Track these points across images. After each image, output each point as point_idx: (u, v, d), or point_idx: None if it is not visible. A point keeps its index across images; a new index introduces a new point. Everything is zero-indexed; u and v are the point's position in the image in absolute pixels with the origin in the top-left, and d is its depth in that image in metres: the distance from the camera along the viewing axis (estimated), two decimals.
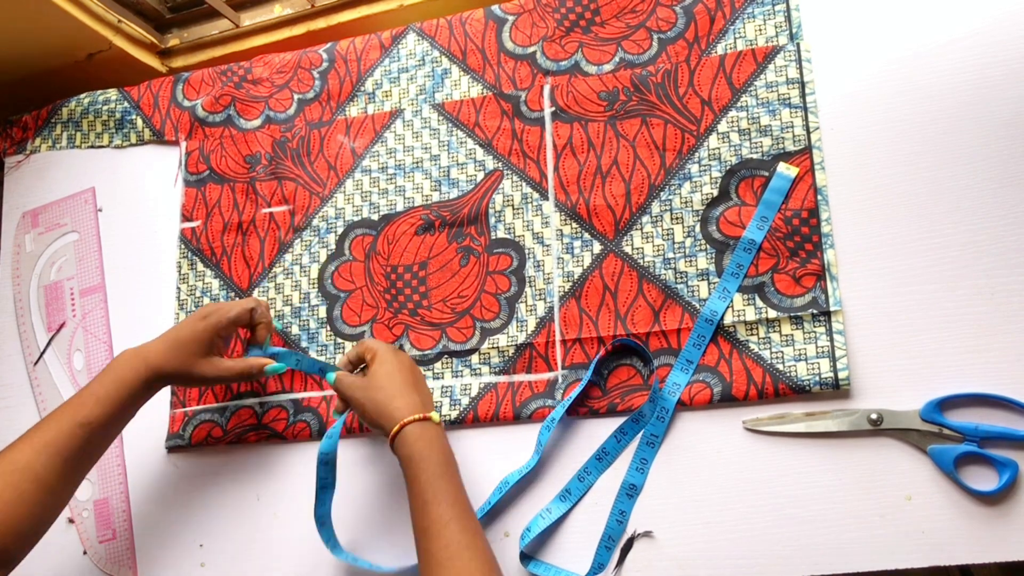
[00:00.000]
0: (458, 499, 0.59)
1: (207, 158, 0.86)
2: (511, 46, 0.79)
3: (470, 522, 0.58)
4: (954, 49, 0.67)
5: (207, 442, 0.78)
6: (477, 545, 0.56)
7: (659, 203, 0.72)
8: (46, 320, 0.88)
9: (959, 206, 0.65)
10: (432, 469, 0.59)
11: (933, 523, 0.61)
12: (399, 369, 0.65)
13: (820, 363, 0.65)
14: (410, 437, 0.61)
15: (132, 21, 0.92)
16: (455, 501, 0.58)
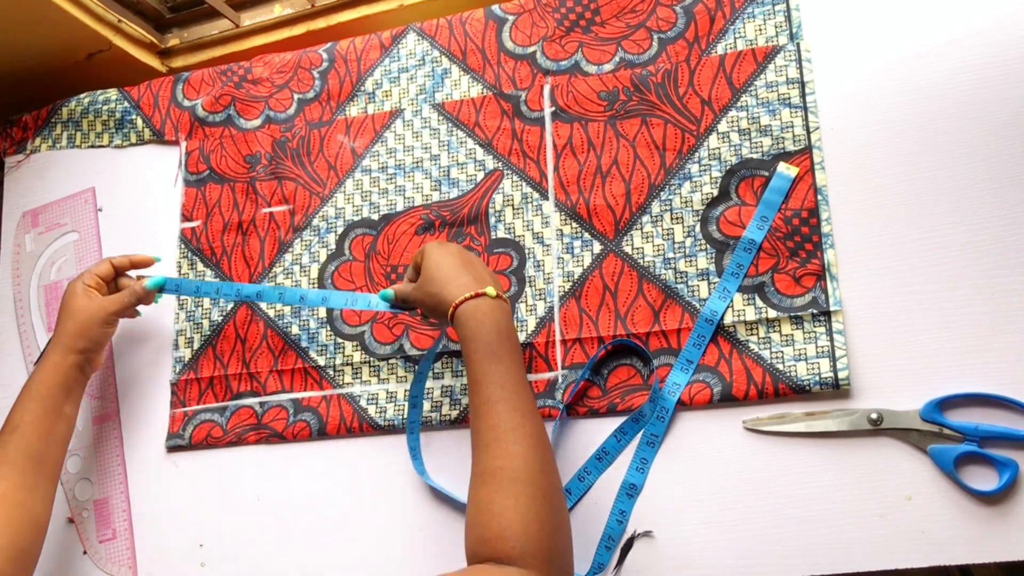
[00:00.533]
0: (507, 380, 0.57)
1: (207, 158, 0.86)
2: (511, 46, 0.79)
3: (520, 401, 0.56)
4: (954, 49, 0.67)
5: (207, 442, 0.78)
6: (523, 427, 0.55)
7: (659, 203, 0.72)
8: (46, 320, 0.88)
9: (959, 206, 0.65)
10: (482, 349, 0.58)
11: (933, 523, 0.61)
12: (445, 257, 0.63)
13: (820, 363, 0.65)
14: (462, 318, 0.60)
15: (132, 21, 0.92)
16: (504, 382, 0.57)
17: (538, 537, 0.51)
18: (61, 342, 0.71)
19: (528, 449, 0.54)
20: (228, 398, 0.79)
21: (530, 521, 0.51)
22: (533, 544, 0.51)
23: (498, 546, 0.51)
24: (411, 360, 0.75)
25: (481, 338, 0.58)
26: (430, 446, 0.73)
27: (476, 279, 0.62)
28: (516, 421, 0.55)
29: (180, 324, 0.83)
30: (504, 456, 0.54)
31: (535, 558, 0.50)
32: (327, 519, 0.74)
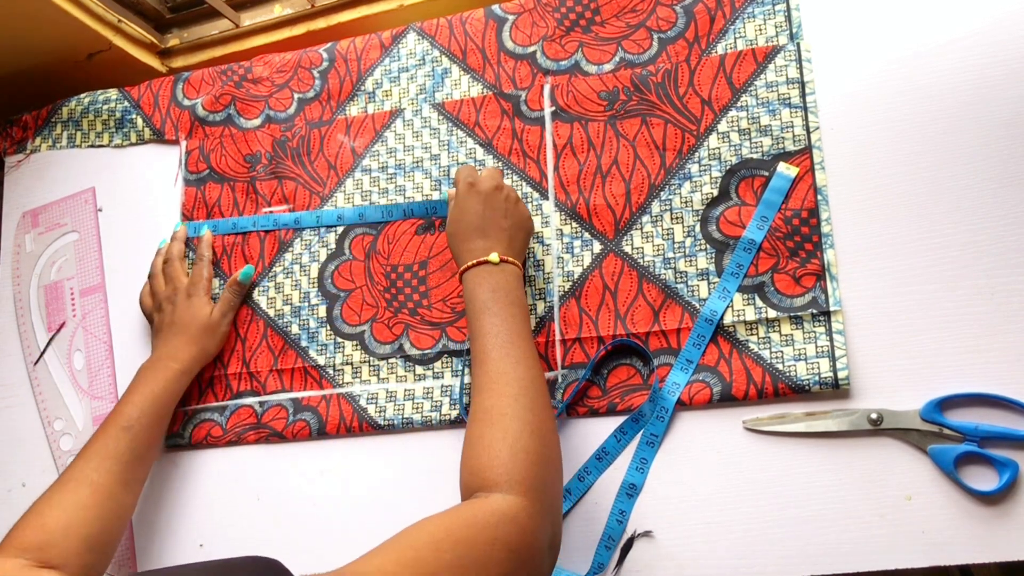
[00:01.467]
0: (501, 331, 0.60)
1: (207, 157, 0.86)
2: (511, 46, 0.79)
3: (513, 350, 0.59)
4: (954, 49, 0.67)
5: (207, 441, 0.78)
6: (515, 372, 0.58)
7: (659, 203, 0.72)
8: (46, 320, 0.88)
9: (959, 206, 0.65)
10: (478, 307, 0.62)
11: (933, 523, 0.61)
12: (466, 213, 0.66)
13: (820, 363, 0.65)
14: (465, 282, 0.64)
15: (132, 21, 0.92)
16: (498, 332, 0.60)
17: (524, 466, 0.53)
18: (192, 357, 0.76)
19: (519, 391, 0.57)
20: (228, 397, 0.79)
21: (517, 451, 0.53)
22: (519, 471, 0.52)
23: (486, 475, 0.53)
24: (410, 360, 0.75)
25: (478, 297, 0.62)
26: (430, 446, 0.73)
27: (487, 243, 0.65)
28: (508, 367, 0.58)
29: None
30: (496, 397, 0.57)
31: (520, 484, 0.52)
32: (327, 518, 0.74)
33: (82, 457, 0.68)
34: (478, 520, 0.49)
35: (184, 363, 0.75)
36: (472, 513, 0.50)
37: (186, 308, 0.77)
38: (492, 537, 0.48)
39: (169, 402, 0.74)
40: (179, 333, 0.76)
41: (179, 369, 0.75)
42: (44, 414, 0.85)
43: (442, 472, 0.72)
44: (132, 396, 0.72)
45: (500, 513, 0.50)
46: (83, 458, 0.67)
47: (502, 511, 0.50)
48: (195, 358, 0.76)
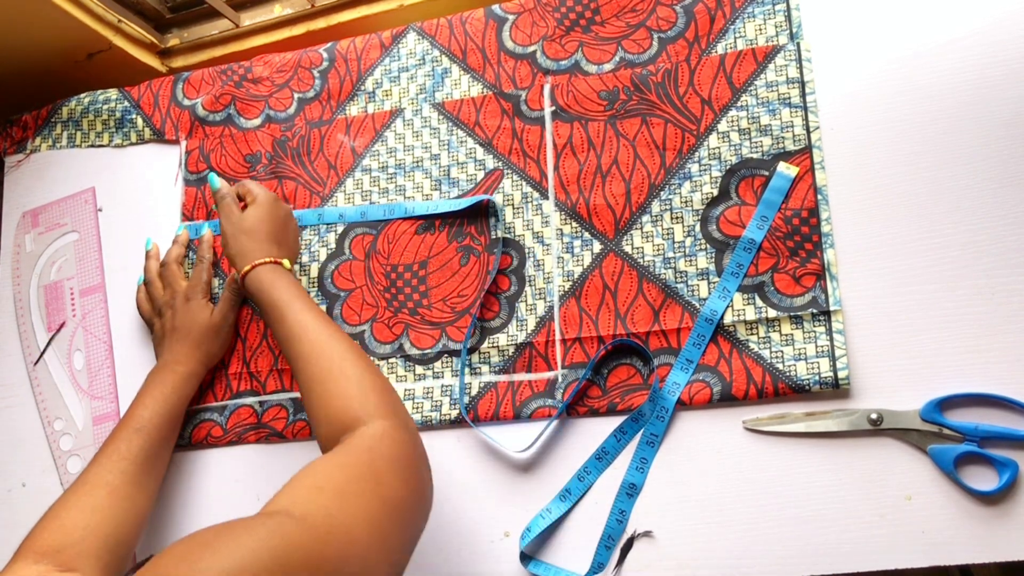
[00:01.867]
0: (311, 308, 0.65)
1: (207, 157, 0.86)
2: (511, 45, 0.79)
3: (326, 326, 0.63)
4: (954, 49, 0.67)
5: (207, 441, 0.78)
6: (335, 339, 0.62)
7: (659, 202, 0.72)
8: (46, 320, 0.88)
9: (959, 206, 0.65)
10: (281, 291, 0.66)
11: (933, 523, 0.61)
12: (271, 219, 0.73)
13: (820, 362, 0.65)
14: (260, 273, 0.69)
15: (132, 21, 0.92)
16: (309, 308, 0.65)
17: (375, 395, 0.58)
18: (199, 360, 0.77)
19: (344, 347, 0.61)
20: (228, 397, 0.79)
21: (364, 387, 0.58)
22: (372, 401, 0.57)
23: (345, 417, 0.57)
24: (410, 360, 0.75)
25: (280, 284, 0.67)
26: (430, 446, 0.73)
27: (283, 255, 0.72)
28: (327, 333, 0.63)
29: None
30: (325, 358, 0.61)
31: (377, 409, 0.56)
32: None
33: (96, 461, 0.68)
34: (357, 446, 0.53)
35: (191, 367, 0.76)
36: (351, 444, 0.53)
37: (186, 312, 0.77)
38: (373, 455, 0.52)
39: (179, 404, 0.74)
40: (182, 339, 0.76)
41: (186, 372, 0.75)
42: (44, 414, 0.85)
43: (442, 472, 0.72)
44: (143, 399, 0.72)
45: (370, 436, 0.54)
46: (97, 462, 0.68)
47: (372, 434, 0.54)
48: (201, 361, 0.77)
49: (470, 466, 0.71)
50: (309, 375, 0.61)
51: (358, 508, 0.47)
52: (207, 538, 0.39)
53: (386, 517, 0.48)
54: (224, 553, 0.38)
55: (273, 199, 0.75)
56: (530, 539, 0.67)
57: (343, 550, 0.43)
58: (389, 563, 0.47)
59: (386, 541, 0.47)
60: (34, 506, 0.82)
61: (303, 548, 0.41)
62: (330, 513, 0.45)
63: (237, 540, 0.39)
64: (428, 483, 0.56)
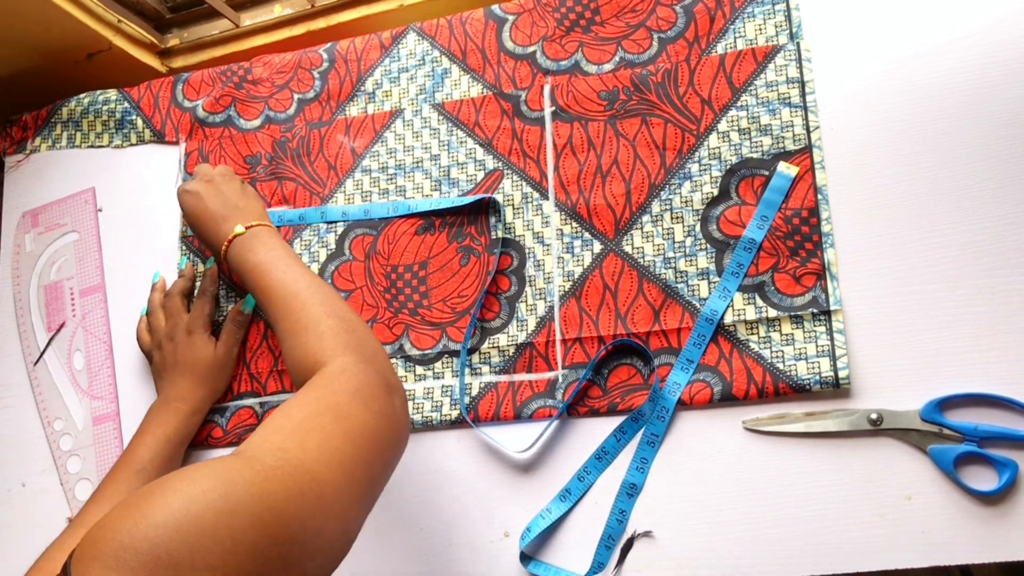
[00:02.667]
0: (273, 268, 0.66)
1: (206, 158, 0.86)
2: (511, 46, 0.79)
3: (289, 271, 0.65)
4: (954, 49, 0.67)
5: (207, 443, 0.78)
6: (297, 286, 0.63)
7: (659, 202, 0.72)
8: (46, 320, 0.88)
9: (959, 206, 0.65)
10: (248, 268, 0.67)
11: (933, 523, 0.61)
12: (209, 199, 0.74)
13: (820, 362, 0.65)
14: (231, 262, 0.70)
15: (132, 21, 0.92)
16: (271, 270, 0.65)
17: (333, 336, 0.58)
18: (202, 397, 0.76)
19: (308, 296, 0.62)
20: (228, 399, 0.79)
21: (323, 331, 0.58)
22: (330, 341, 0.57)
23: (308, 362, 0.57)
24: (411, 360, 0.75)
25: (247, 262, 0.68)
26: (430, 446, 0.73)
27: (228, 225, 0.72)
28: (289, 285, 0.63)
29: None
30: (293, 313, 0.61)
31: (335, 349, 0.57)
32: None
33: (94, 501, 0.67)
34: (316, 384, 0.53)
35: (194, 404, 0.75)
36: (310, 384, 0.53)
37: (188, 347, 0.76)
38: (332, 389, 0.52)
39: (180, 443, 0.74)
40: (185, 374, 0.75)
41: (189, 411, 0.74)
42: (44, 414, 0.85)
43: (442, 472, 0.72)
44: (144, 438, 0.72)
45: (329, 373, 0.54)
46: (95, 502, 0.67)
47: (330, 371, 0.54)
48: (205, 399, 0.76)
49: (470, 466, 0.71)
50: (282, 332, 0.61)
51: (316, 442, 0.46)
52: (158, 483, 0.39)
53: (348, 446, 0.47)
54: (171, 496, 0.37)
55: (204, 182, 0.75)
56: (530, 539, 0.67)
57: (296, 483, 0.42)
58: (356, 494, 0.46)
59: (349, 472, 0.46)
60: (34, 506, 0.83)
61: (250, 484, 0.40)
62: (284, 448, 0.45)
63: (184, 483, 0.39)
64: (398, 411, 0.55)
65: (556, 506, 0.68)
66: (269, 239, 0.70)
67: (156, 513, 0.36)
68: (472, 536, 0.69)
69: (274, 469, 0.42)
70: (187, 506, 0.37)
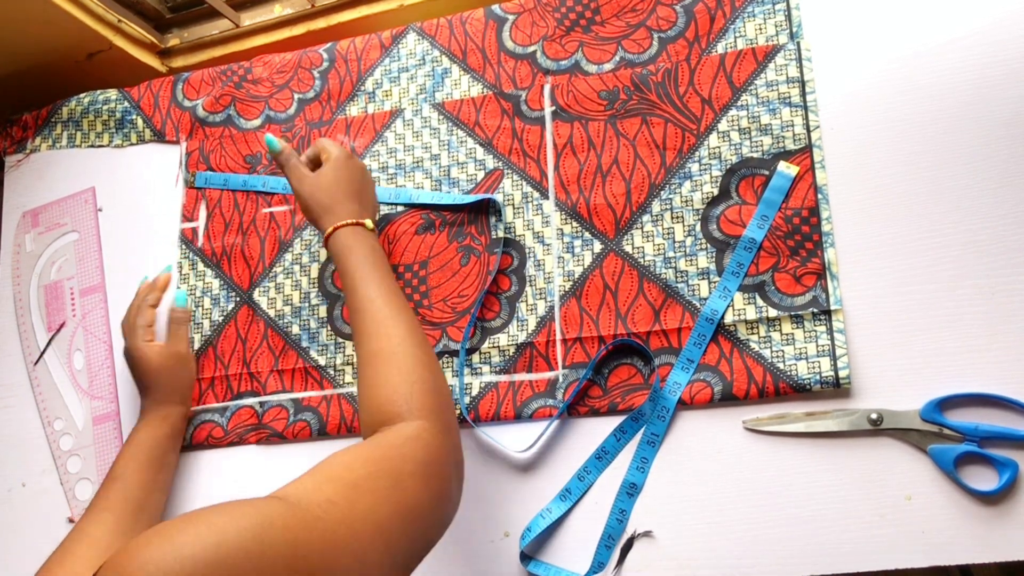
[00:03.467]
0: (383, 282, 0.63)
1: (207, 158, 0.86)
2: (511, 45, 0.79)
3: (395, 299, 0.62)
4: (954, 49, 0.67)
5: (208, 442, 0.78)
6: (399, 317, 0.61)
7: (659, 202, 0.72)
8: (46, 320, 0.88)
9: (959, 206, 0.65)
10: (358, 259, 0.64)
11: (933, 523, 0.61)
12: (348, 176, 0.70)
13: (820, 362, 0.65)
14: (341, 236, 0.66)
15: (132, 21, 0.92)
16: (380, 282, 0.63)
17: (421, 394, 0.56)
18: (157, 400, 0.75)
19: (404, 331, 0.60)
20: (228, 398, 0.79)
21: (413, 382, 0.57)
22: (418, 399, 0.56)
23: (388, 408, 0.55)
24: None
25: (359, 251, 0.65)
26: None
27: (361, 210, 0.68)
28: (392, 312, 0.61)
29: None
30: (384, 338, 0.59)
31: (420, 410, 0.55)
32: None
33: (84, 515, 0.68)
34: (387, 442, 0.52)
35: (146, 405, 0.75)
36: (380, 439, 0.53)
37: (129, 353, 0.77)
38: (401, 454, 0.51)
39: (162, 444, 0.74)
40: (136, 379, 0.77)
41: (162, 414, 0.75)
42: (44, 414, 0.85)
43: None
44: (123, 449, 0.73)
45: (405, 435, 0.53)
46: (85, 515, 0.68)
47: (407, 434, 0.53)
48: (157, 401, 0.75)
49: (470, 466, 0.71)
50: (365, 353, 0.59)
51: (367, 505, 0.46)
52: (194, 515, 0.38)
53: (397, 519, 0.47)
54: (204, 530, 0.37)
55: (347, 155, 0.71)
56: (530, 539, 0.67)
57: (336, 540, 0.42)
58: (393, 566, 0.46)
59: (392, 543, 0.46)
60: (34, 506, 0.83)
61: (287, 530, 0.39)
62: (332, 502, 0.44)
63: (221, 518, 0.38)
64: (455, 492, 0.54)
65: (556, 506, 0.68)
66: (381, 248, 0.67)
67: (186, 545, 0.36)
68: (472, 536, 0.69)
69: (316, 520, 0.42)
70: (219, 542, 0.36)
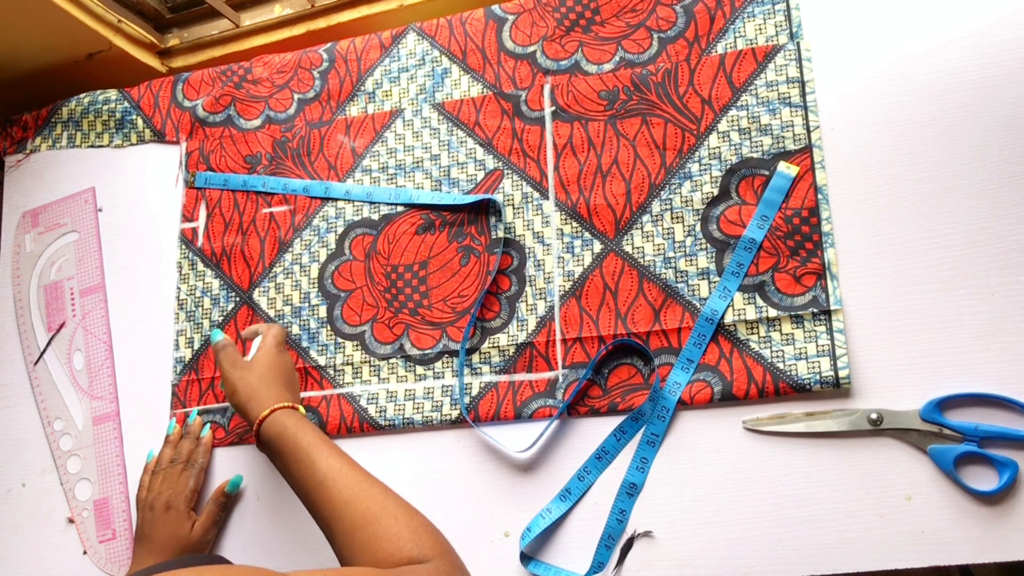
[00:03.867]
0: (339, 452, 0.62)
1: (207, 158, 0.86)
2: (511, 45, 0.79)
3: (357, 466, 0.61)
4: (954, 49, 0.67)
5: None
6: (373, 478, 0.60)
7: (659, 202, 0.72)
8: (46, 320, 0.88)
9: (959, 206, 0.65)
10: (310, 436, 0.62)
11: (933, 523, 0.61)
12: (280, 363, 0.70)
13: (820, 362, 0.65)
14: (281, 417, 0.64)
15: (132, 21, 0.92)
16: (338, 453, 0.61)
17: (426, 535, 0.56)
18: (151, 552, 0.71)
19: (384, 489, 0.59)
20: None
21: (415, 526, 0.56)
22: (426, 541, 0.55)
23: (397, 557, 0.54)
24: (411, 360, 0.75)
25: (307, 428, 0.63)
26: (431, 446, 0.73)
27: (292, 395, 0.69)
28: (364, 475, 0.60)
29: (180, 324, 0.83)
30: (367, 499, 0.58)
31: (432, 550, 0.54)
32: None
33: None
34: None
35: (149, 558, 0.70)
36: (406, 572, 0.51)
37: (163, 522, 0.72)
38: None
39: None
40: (155, 552, 0.71)
41: None
42: (44, 414, 0.85)
43: (442, 472, 0.72)
44: None
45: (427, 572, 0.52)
46: None
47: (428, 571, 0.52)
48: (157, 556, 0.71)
49: (470, 466, 0.71)
50: (350, 520, 0.57)
51: None
52: None
53: None
54: None
55: (279, 344, 0.72)
56: (530, 539, 0.67)
57: None
58: None
59: None
60: (34, 506, 0.83)
61: None
62: None
63: None
64: None
65: (556, 506, 0.68)
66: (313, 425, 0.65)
67: None
68: (472, 536, 0.69)
69: None
70: None
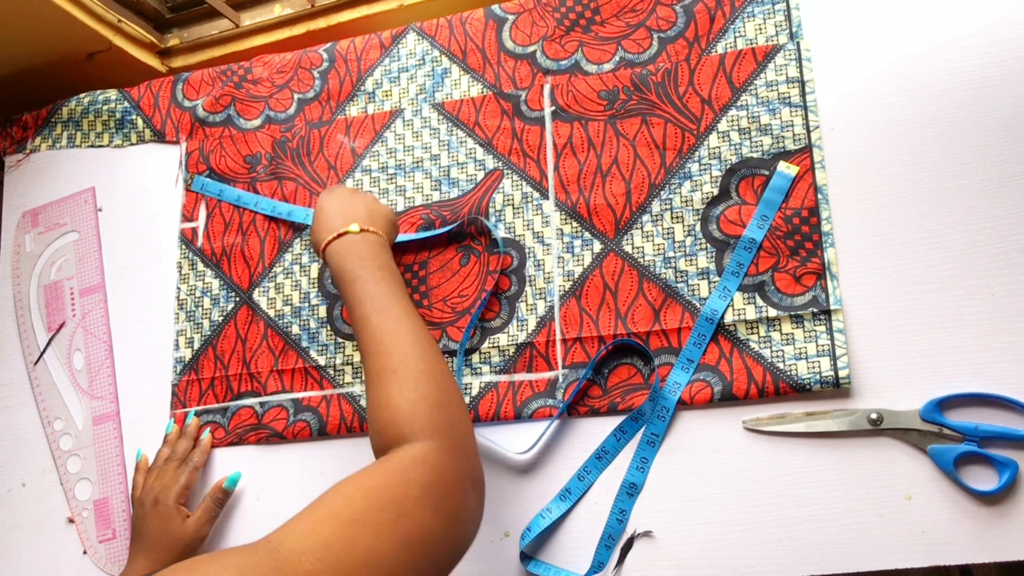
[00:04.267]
0: (375, 295, 0.60)
1: (207, 158, 0.86)
2: (511, 45, 0.79)
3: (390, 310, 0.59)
4: (954, 49, 0.67)
5: None
6: (397, 330, 0.57)
7: (659, 202, 0.72)
8: (46, 320, 0.88)
9: (959, 206, 0.65)
10: (347, 278, 0.61)
11: (933, 523, 0.61)
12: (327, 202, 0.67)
13: (820, 362, 0.65)
14: (329, 259, 0.64)
15: (132, 21, 0.92)
16: (373, 298, 0.59)
17: (424, 411, 0.53)
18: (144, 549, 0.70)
19: (407, 344, 0.56)
20: (229, 399, 0.79)
21: (415, 401, 0.53)
22: (421, 418, 0.53)
23: (391, 431, 0.53)
24: None
25: (345, 268, 0.62)
26: None
27: (346, 219, 0.65)
28: (390, 326, 0.58)
29: (180, 324, 0.83)
30: (384, 356, 0.56)
31: (424, 429, 0.52)
32: None
33: None
34: (389, 467, 0.49)
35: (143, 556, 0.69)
36: (382, 465, 0.50)
37: (153, 517, 0.71)
38: (404, 479, 0.48)
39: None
40: (146, 550, 0.69)
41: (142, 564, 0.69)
42: (44, 414, 0.85)
43: None
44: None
45: (409, 458, 0.50)
46: None
47: (411, 455, 0.50)
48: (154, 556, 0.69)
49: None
50: (367, 374, 0.57)
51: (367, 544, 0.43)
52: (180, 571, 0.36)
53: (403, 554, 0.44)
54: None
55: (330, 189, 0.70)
56: (530, 539, 0.67)
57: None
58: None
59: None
60: (34, 506, 0.83)
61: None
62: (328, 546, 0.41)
63: None
64: (471, 513, 0.51)
65: (556, 506, 0.68)
66: (382, 252, 0.64)
67: None
68: None
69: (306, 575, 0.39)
70: None
